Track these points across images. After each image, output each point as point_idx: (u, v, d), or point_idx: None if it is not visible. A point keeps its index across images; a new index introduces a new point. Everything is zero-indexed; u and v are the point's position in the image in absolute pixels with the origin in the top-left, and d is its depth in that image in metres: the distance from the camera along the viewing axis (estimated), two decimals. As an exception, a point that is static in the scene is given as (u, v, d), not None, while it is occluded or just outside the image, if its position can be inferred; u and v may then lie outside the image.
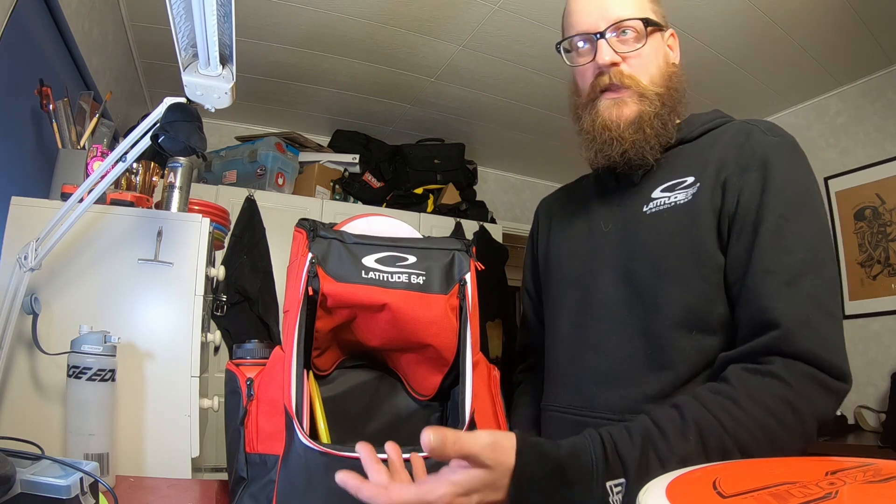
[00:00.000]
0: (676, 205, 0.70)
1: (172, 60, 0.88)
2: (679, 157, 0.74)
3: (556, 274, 0.84)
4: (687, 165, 0.72)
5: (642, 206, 0.73)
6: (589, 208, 0.81)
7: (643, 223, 0.72)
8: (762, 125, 0.70)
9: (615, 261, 0.74)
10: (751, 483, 0.36)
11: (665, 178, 0.73)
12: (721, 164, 0.68)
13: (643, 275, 0.70)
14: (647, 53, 0.73)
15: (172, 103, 0.83)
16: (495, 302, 3.06)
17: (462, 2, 2.02)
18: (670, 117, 0.74)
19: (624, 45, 0.73)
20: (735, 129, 0.71)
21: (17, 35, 1.19)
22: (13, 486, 0.57)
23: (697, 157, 0.72)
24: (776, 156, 0.66)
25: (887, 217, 2.36)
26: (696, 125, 0.75)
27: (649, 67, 0.73)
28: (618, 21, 0.72)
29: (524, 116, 2.93)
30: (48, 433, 0.93)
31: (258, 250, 2.46)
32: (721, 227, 0.66)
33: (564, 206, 0.89)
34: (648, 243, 0.70)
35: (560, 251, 0.84)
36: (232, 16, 0.71)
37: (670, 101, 0.74)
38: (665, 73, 0.75)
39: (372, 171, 3.04)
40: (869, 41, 2.20)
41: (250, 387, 0.74)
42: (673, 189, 0.71)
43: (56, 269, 1.03)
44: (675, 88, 0.75)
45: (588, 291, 0.76)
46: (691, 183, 0.70)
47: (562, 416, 0.76)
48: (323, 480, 0.64)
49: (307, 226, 0.76)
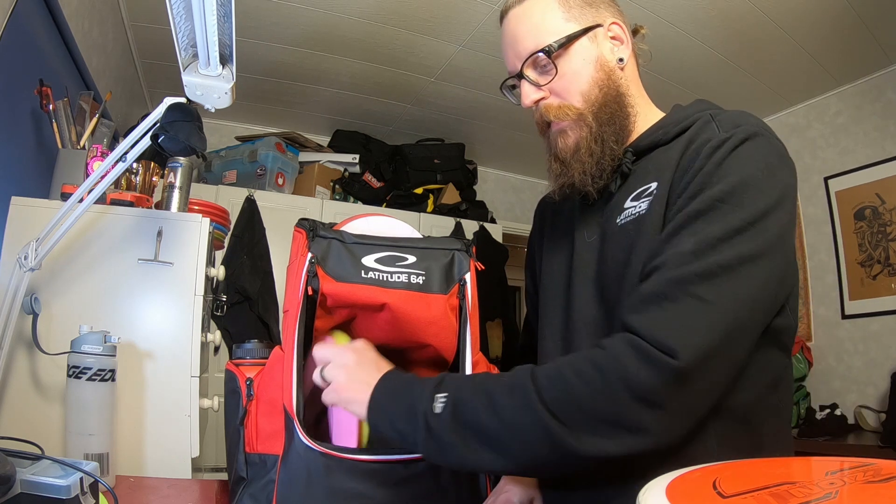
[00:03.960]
0: (640, 216, 0.65)
1: (172, 60, 0.88)
2: (650, 161, 0.69)
3: (545, 282, 0.82)
4: (654, 170, 0.67)
5: (616, 217, 0.69)
6: (576, 216, 0.78)
7: (614, 236, 0.68)
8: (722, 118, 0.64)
9: (595, 275, 0.71)
10: (751, 483, 0.36)
11: (635, 186, 0.69)
12: (674, 168, 0.64)
13: (612, 289, 0.67)
14: (571, 72, 0.69)
15: (172, 103, 0.83)
16: (495, 302, 3.06)
17: (462, 2, 2.02)
18: (613, 132, 0.70)
19: (545, 76, 0.70)
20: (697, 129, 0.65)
21: (17, 35, 1.19)
22: (13, 486, 0.57)
23: (663, 161, 0.66)
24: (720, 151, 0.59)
25: (887, 217, 2.36)
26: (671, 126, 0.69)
27: (578, 85, 0.70)
28: (528, 56, 0.70)
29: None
30: (48, 433, 0.93)
31: (258, 250, 2.46)
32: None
33: (556, 211, 0.86)
34: (617, 258, 0.67)
35: (549, 260, 0.82)
36: (232, 16, 0.71)
37: (608, 115, 0.69)
38: (601, 81, 0.70)
39: (372, 171, 3.04)
40: (869, 41, 2.20)
41: (250, 387, 0.74)
42: (639, 197, 0.67)
43: (56, 269, 1.03)
44: (617, 94, 0.71)
45: (570, 306, 0.73)
46: (653, 190, 0.65)
47: None
48: (323, 480, 0.65)
49: (307, 226, 0.76)
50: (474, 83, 2.61)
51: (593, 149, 0.69)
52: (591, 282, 0.71)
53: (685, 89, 2.47)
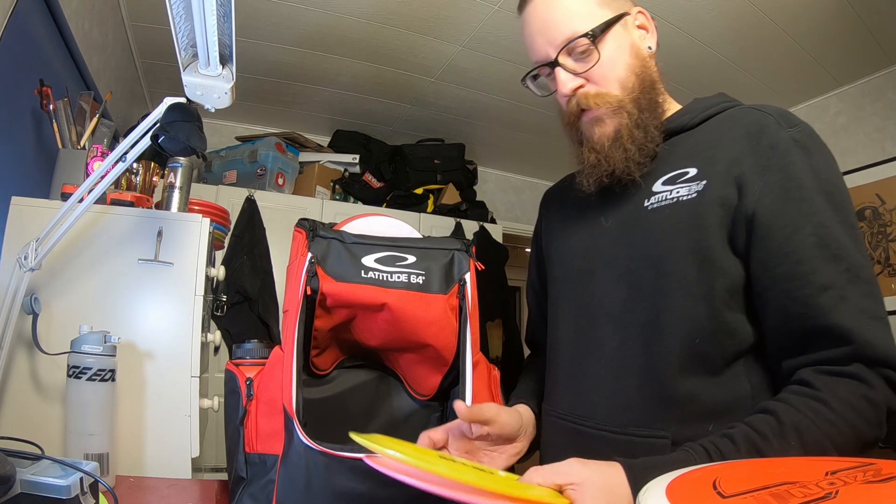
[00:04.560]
0: (679, 201, 0.65)
1: (172, 60, 0.88)
2: (680, 145, 0.69)
3: (557, 272, 0.81)
4: (689, 155, 0.68)
5: (643, 200, 0.69)
6: (589, 202, 0.76)
7: (644, 220, 0.68)
8: (775, 114, 0.65)
9: (615, 260, 0.70)
10: (751, 483, 0.36)
11: (665, 170, 0.68)
12: (733, 161, 0.63)
13: (643, 276, 0.66)
14: (609, 59, 0.69)
15: (172, 103, 0.83)
16: (495, 302, 3.06)
17: (462, 2, 2.02)
18: (652, 117, 0.70)
19: (582, 63, 0.69)
20: (746, 119, 0.66)
21: (17, 35, 1.19)
22: (13, 486, 0.57)
23: (700, 147, 0.67)
24: (797, 153, 0.61)
25: (887, 217, 2.36)
26: (698, 111, 0.70)
27: (616, 72, 0.69)
28: (564, 44, 0.68)
29: (524, 116, 2.92)
30: (48, 433, 0.93)
31: (258, 250, 2.46)
32: (735, 229, 0.62)
33: (565, 198, 0.85)
34: (649, 242, 0.67)
35: (560, 248, 0.81)
36: (232, 16, 0.71)
37: (647, 100, 0.70)
38: (636, 68, 0.70)
39: (372, 171, 3.04)
40: (869, 41, 2.20)
41: (250, 387, 0.74)
42: (674, 181, 0.67)
43: (56, 269, 1.03)
44: (652, 81, 0.71)
45: (587, 292, 0.73)
46: (694, 176, 0.65)
47: (563, 423, 0.73)
48: (323, 480, 0.65)
49: (307, 226, 0.76)
50: (474, 83, 2.61)
51: (636, 135, 0.68)
52: (610, 267, 0.70)
53: (685, 89, 2.46)
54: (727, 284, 0.62)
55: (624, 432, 0.64)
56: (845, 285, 0.57)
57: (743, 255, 0.63)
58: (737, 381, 0.62)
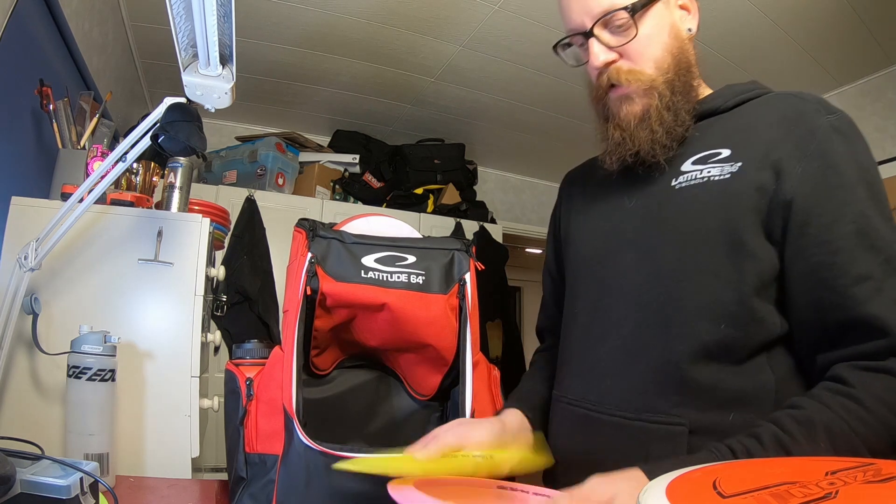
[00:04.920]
0: (710, 180, 0.63)
1: (172, 60, 0.88)
2: (712, 127, 0.67)
3: (575, 253, 0.78)
4: (721, 137, 0.65)
5: (671, 180, 0.66)
6: (612, 183, 0.74)
7: (671, 199, 0.65)
8: (812, 100, 0.63)
9: (638, 239, 0.67)
10: (751, 483, 0.36)
11: (697, 150, 0.66)
12: (770, 144, 0.61)
13: (667, 256, 0.64)
14: (646, 36, 0.66)
15: (172, 103, 0.83)
16: (495, 302, 3.06)
17: (462, 2, 2.01)
18: (685, 101, 0.67)
19: (618, 37, 0.66)
20: (783, 104, 0.64)
21: (17, 35, 1.19)
22: (13, 486, 0.57)
23: (734, 129, 0.65)
24: (838, 141, 0.60)
25: (887, 217, 2.36)
26: (732, 95, 0.68)
27: (652, 50, 0.66)
28: (602, 15, 0.65)
29: (524, 116, 2.92)
30: (48, 433, 0.93)
31: (258, 250, 2.46)
32: (771, 216, 0.60)
33: (587, 179, 0.82)
34: (676, 221, 0.64)
35: (580, 228, 0.78)
36: (232, 16, 0.71)
37: (681, 83, 0.67)
38: (674, 48, 0.67)
39: (372, 171, 3.04)
40: (869, 41, 2.20)
41: (250, 387, 0.74)
42: (705, 161, 0.65)
43: (56, 269, 1.03)
44: (688, 63, 0.68)
45: (607, 272, 0.70)
46: (727, 157, 0.63)
47: (573, 409, 0.70)
48: (323, 480, 0.64)
49: (307, 226, 0.76)
50: (474, 83, 2.61)
51: (664, 117, 0.66)
52: (632, 247, 0.68)
53: (685, 89, 2.47)
54: (757, 270, 0.60)
55: (638, 418, 0.62)
56: (883, 277, 0.56)
57: (778, 242, 0.60)
58: (760, 371, 0.60)
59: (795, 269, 0.59)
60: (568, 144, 3.18)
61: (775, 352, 0.61)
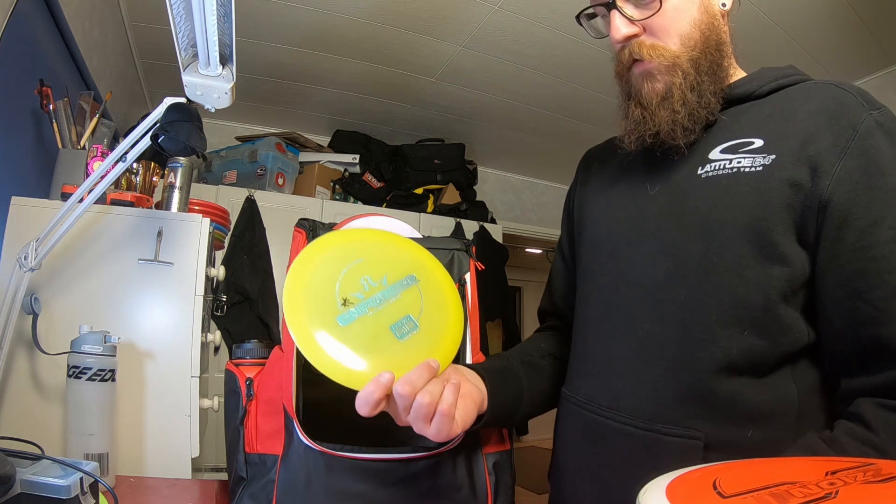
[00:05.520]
0: (740, 171, 0.58)
1: (172, 60, 0.88)
2: (745, 114, 0.62)
3: (590, 240, 0.73)
4: (754, 125, 0.61)
5: (697, 167, 0.62)
6: (634, 166, 0.70)
7: (696, 188, 0.61)
8: (854, 91, 0.58)
9: (659, 230, 0.63)
10: (751, 483, 0.36)
11: (726, 137, 0.61)
12: (807, 136, 0.56)
13: (690, 250, 0.59)
14: (674, 9, 0.61)
15: (172, 103, 0.83)
16: (495, 302, 3.06)
17: (462, 2, 2.02)
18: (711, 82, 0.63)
19: (642, 10, 0.62)
20: (822, 94, 0.59)
21: (17, 35, 1.19)
22: (13, 486, 0.57)
23: (768, 118, 0.60)
24: (880, 137, 0.54)
25: (887, 217, 2.36)
26: (767, 80, 0.64)
27: (678, 26, 0.61)
28: None
29: (524, 116, 2.92)
30: (48, 433, 0.93)
31: (258, 250, 2.46)
32: (805, 216, 0.55)
33: (607, 160, 0.77)
34: (701, 213, 0.59)
35: (596, 214, 0.74)
36: (232, 16, 0.71)
37: (708, 62, 0.62)
38: (703, 24, 0.62)
39: (372, 171, 3.04)
40: (869, 41, 2.20)
41: (250, 386, 0.74)
42: (735, 150, 0.60)
43: (56, 269, 1.03)
44: (718, 41, 0.63)
45: (624, 264, 0.66)
46: (759, 147, 0.58)
47: (582, 411, 0.67)
48: (323, 480, 0.64)
49: (307, 226, 0.76)
50: (474, 83, 2.61)
51: (688, 98, 0.61)
52: (652, 237, 0.63)
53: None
54: (786, 274, 0.55)
55: (650, 428, 0.58)
56: None
57: (811, 245, 0.56)
58: (783, 385, 0.56)
59: (828, 276, 0.55)
60: (568, 144, 3.18)
61: (800, 364, 0.58)
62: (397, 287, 0.60)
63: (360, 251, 0.62)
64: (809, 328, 0.57)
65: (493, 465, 0.72)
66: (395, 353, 0.55)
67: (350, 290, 0.57)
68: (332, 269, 0.59)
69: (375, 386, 0.50)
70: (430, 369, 0.53)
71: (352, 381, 0.52)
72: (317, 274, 0.58)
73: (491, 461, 0.72)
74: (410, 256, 0.65)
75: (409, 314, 0.58)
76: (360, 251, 0.62)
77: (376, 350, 0.54)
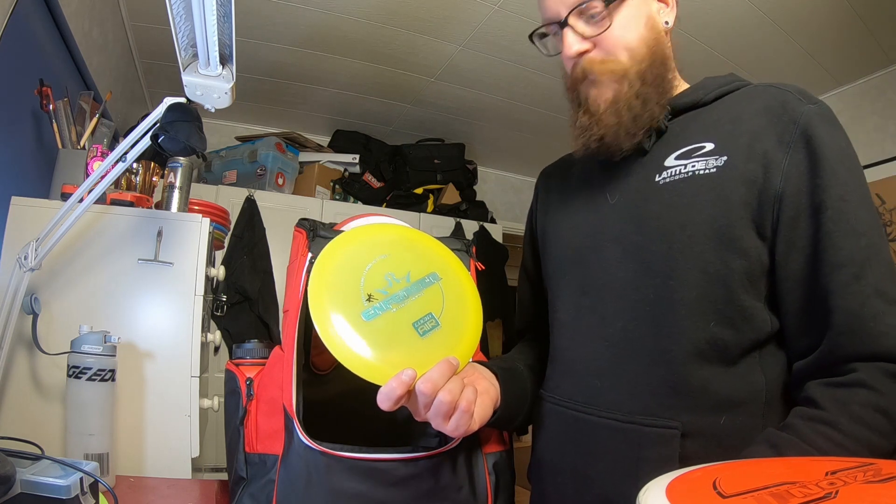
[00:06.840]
0: (696, 175, 0.62)
1: (172, 60, 0.88)
2: (694, 121, 0.67)
3: (556, 251, 0.76)
4: (704, 130, 0.65)
5: (654, 175, 0.65)
6: (592, 178, 0.73)
7: (655, 194, 0.64)
8: (793, 90, 0.62)
9: (622, 235, 0.66)
10: (751, 483, 0.36)
11: (679, 145, 0.65)
12: (754, 135, 0.60)
13: (654, 252, 0.62)
14: (621, 27, 0.65)
15: (172, 103, 0.83)
16: (495, 302, 3.06)
17: (462, 2, 2.01)
18: (656, 92, 0.66)
19: (593, 27, 0.66)
20: (764, 95, 0.63)
21: (17, 35, 1.19)
22: (13, 486, 0.57)
23: (716, 122, 0.64)
24: (819, 128, 0.59)
25: (887, 217, 2.36)
26: (711, 88, 0.68)
27: (627, 41, 0.65)
28: (577, 5, 0.65)
29: (524, 116, 2.92)
30: (48, 433, 0.94)
31: (258, 250, 2.46)
32: (762, 210, 0.59)
33: (565, 176, 0.81)
34: (662, 217, 0.63)
35: (559, 226, 0.77)
36: (232, 16, 0.71)
37: (653, 75, 0.66)
38: (650, 41, 0.66)
39: (372, 171, 3.04)
40: (869, 41, 2.20)
41: (250, 386, 0.74)
42: (689, 156, 0.64)
43: (56, 269, 1.03)
44: (663, 57, 0.67)
45: (590, 270, 0.69)
46: (711, 150, 0.62)
47: (561, 409, 0.69)
48: (323, 480, 0.64)
49: (307, 226, 0.75)
50: (474, 83, 2.61)
51: (633, 104, 0.65)
52: (617, 243, 0.66)
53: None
54: (746, 267, 0.59)
55: (630, 420, 0.61)
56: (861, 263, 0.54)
57: (768, 237, 0.59)
58: (752, 373, 0.59)
59: (787, 263, 0.59)
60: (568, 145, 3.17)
61: (766, 353, 0.61)
62: (420, 284, 0.61)
63: (385, 247, 0.63)
64: (773, 317, 0.60)
65: (493, 466, 0.72)
66: (416, 349, 0.56)
67: (374, 286, 0.59)
68: (358, 263, 0.60)
69: (398, 383, 0.52)
70: (451, 367, 0.55)
71: (374, 375, 0.53)
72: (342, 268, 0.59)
73: (491, 461, 0.72)
74: (433, 253, 0.66)
75: (431, 312, 0.60)
76: (384, 247, 0.63)
77: (398, 346, 0.56)
